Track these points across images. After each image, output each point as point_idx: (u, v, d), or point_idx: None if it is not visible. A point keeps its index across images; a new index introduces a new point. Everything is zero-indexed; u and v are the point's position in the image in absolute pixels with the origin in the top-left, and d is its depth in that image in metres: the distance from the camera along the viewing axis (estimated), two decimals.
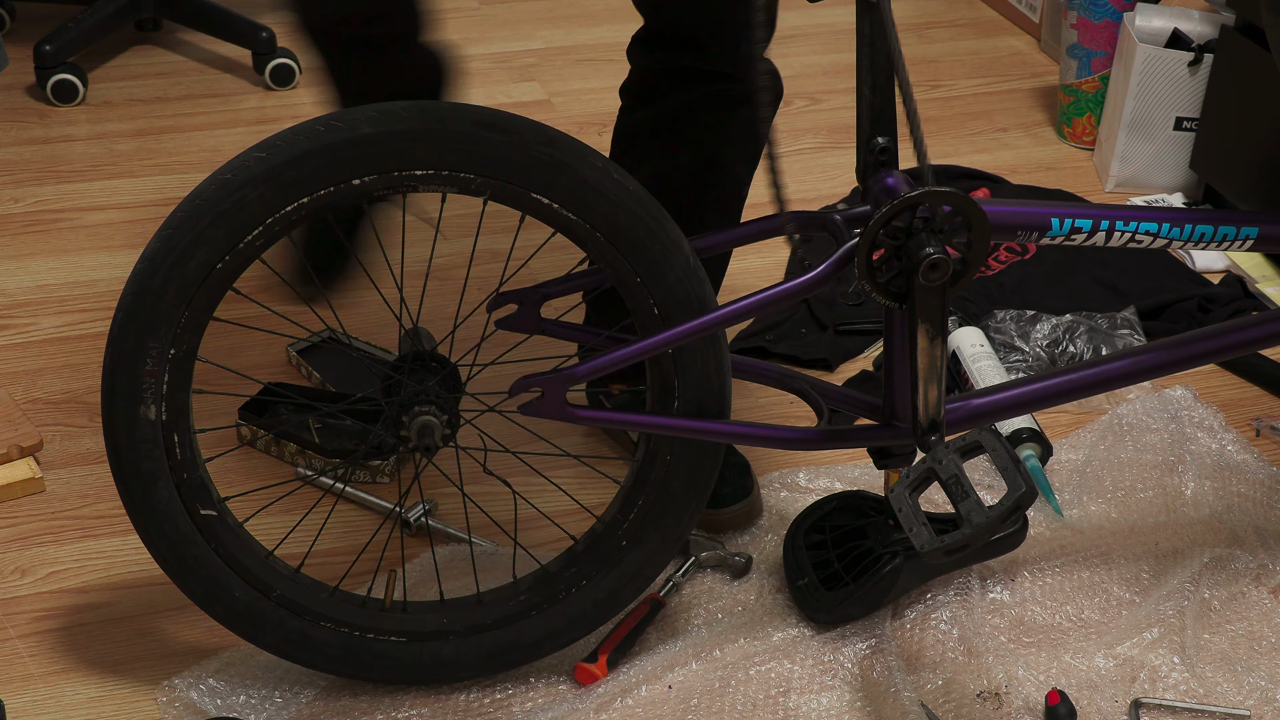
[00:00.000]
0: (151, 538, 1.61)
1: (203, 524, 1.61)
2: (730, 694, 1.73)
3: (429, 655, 1.71)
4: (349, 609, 1.69)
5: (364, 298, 1.74)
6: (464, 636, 1.71)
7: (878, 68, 1.56)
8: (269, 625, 1.67)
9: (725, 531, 1.98)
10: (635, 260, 1.55)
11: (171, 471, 1.57)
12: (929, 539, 1.55)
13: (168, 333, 1.51)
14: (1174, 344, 1.78)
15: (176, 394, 1.54)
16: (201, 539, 1.61)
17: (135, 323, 1.50)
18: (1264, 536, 1.98)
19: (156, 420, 1.54)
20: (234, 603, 1.65)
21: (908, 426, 1.67)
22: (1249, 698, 1.75)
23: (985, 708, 1.72)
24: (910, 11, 3.61)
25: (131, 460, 1.56)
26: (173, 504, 1.59)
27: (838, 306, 2.44)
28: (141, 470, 1.56)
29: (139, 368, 1.52)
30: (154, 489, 1.58)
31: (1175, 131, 2.77)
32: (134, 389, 1.53)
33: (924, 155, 1.51)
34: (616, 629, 1.79)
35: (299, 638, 1.68)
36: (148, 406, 1.53)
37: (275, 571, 1.67)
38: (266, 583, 1.65)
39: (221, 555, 1.63)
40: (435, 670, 1.72)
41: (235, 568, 1.64)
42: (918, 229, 1.54)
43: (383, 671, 1.72)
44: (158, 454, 1.56)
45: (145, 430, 1.55)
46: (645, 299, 1.58)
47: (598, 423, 1.66)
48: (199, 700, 1.71)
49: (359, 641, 1.70)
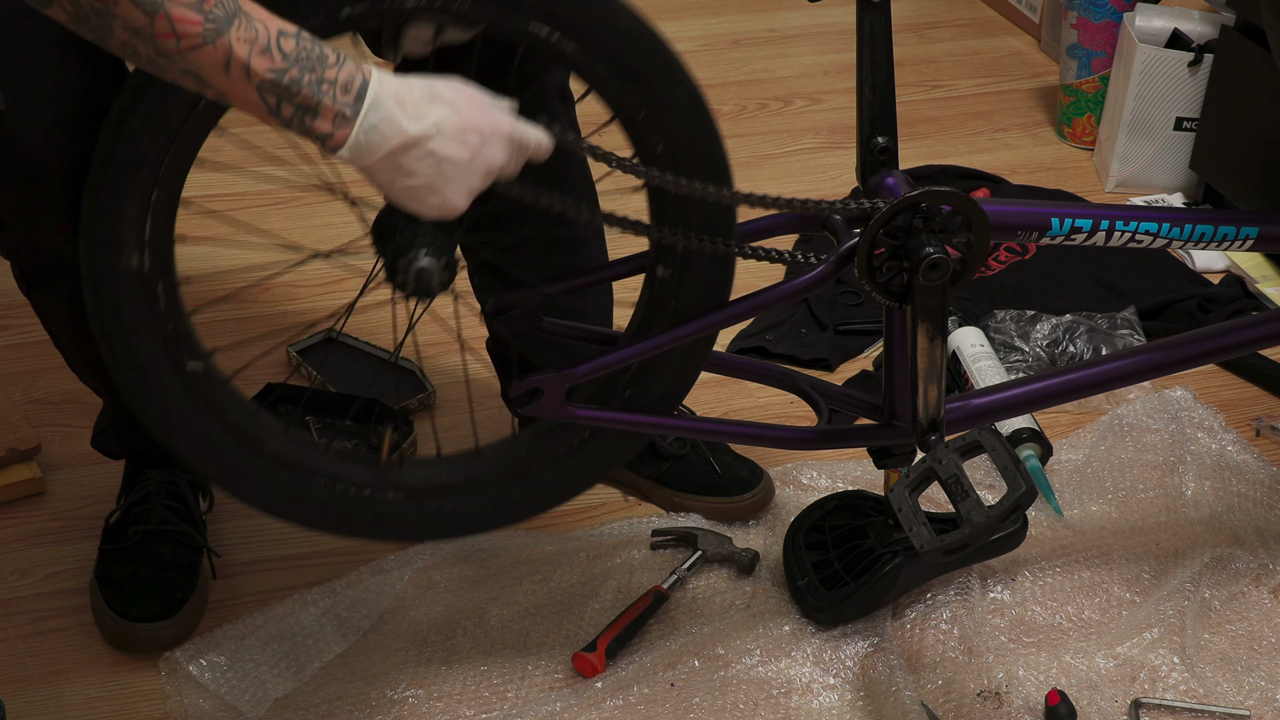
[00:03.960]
0: (137, 394, 1.53)
1: (190, 378, 1.53)
2: (732, 693, 1.73)
3: (428, 512, 1.65)
4: (345, 465, 1.64)
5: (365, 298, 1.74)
6: (464, 492, 1.65)
7: (878, 68, 1.56)
8: (261, 483, 1.60)
9: (736, 521, 1.98)
10: (640, 93, 1.46)
11: (155, 323, 1.49)
12: (929, 539, 1.55)
13: (149, 175, 1.42)
14: (1174, 344, 1.78)
15: (160, 241, 1.46)
16: (189, 394, 1.53)
17: (114, 164, 1.41)
18: (1264, 536, 1.97)
19: (139, 269, 1.46)
20: (225, 460, 1.57)
21: (907, 426, 1.68)
22: (1249, 698, 1.75)
23: (985, 707, 1.72)
24: (910, 11, 3.61)
25: (113, 312, 1.47)
26: (158, 357, 1.50)
27: (838, 306, 2.44)
28: (124, 323, 1.48)
29: (121, 213, 1.43)
30: (138, 342, 1.49)
31: (1175, 131, 2.77)
32: (115, 236, 1.44)
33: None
34: (618, 619, 1.79)
35: (294, 495, 1.61)
36: (130, 254, 1.45)
37: (266, 427, 1.60)
38: (258, 438, 1.58)
39: (210, 411, 1.55)
40: (434, 526, 1.67)
41: (224, 424, 1.56)
42: (918, 229, 1.54)
43: (380, 529, 1.66)
44: (141, 305, 1.47)
45: (128, 280, 1.46)
46: (650, 135, 1.49)
47: (598, 422, 1.65)
48: (198, 674, 1.72)
49: (356, 499, 1.63)
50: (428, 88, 1.29)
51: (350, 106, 1.24)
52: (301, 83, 1.22)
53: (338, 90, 1.23)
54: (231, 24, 1.19)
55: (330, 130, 1.24)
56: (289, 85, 1.22)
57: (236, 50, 1.19)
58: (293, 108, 1.23)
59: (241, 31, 1.19)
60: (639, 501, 2.04)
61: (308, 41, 1.23)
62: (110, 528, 1.87)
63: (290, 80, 1.22)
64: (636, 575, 1.89)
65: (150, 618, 1.77)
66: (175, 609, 1.79)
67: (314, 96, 1.23)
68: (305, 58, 1.22)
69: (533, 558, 1.92)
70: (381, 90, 1.25)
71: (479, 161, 1.31)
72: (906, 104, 3.07)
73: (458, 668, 1.76)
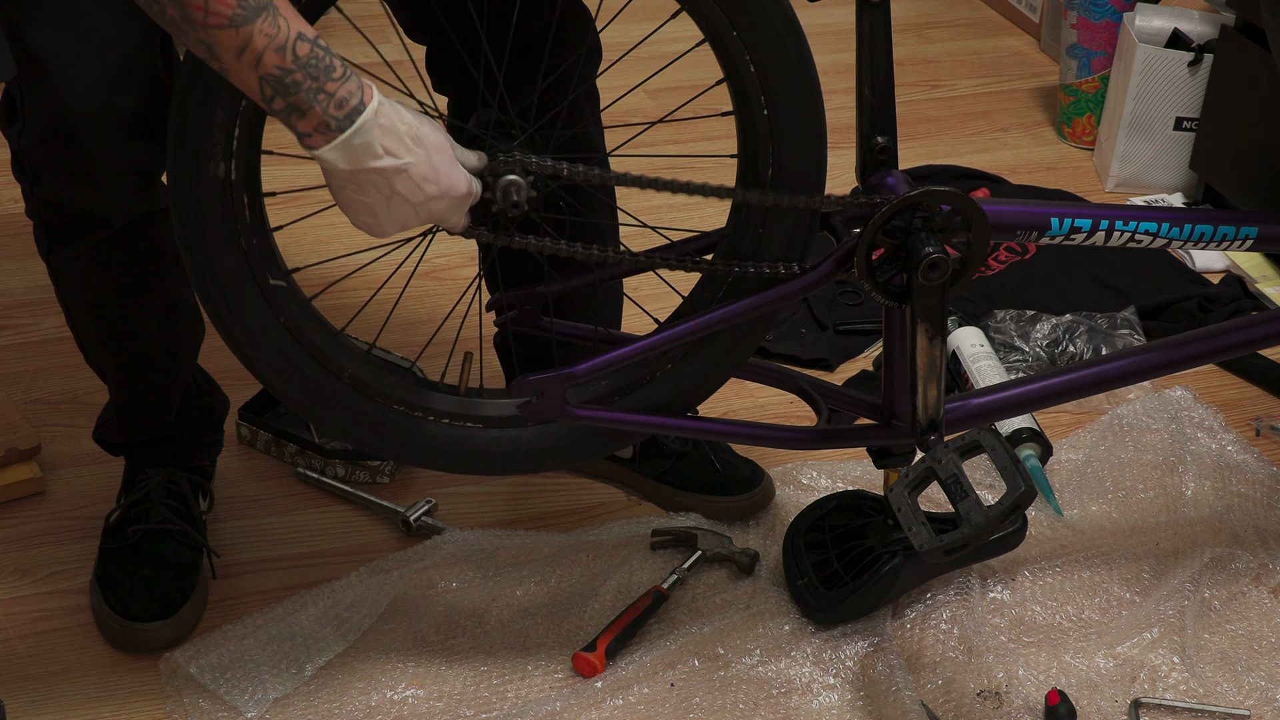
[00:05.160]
0: (218, 310, 1.51)
1: (272, 295, 1.51)
2: (732, 693, 1.73)
3: (507, 442, 1.64)
4: (424, 392, 1.62)
5: (364, 298, 1.74)
6: (544, 422, 1.64)
7: (878, 68, 1.56)
8: (340, 407, 1.59)
9: (736, 521, 1.98)
10: (732, 10, 1.43)
11: (240, 236, 1.47)
12: (928, 538, 1.55)
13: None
14: (1174, 344, 1.78)
15: (247, 151, 1.44)
16: (271, 311, 1.51)
17: (204, 69, 1.38)
18: (1264, 536, 1.97)
19: (226, 178, 1.44)
20: (304, 381, 1.56)
21: (907, 426, 1.68)
22: (1249, 698, 1.75)
23: (985, 707, 1.72)
24: (910, 11, 3.61)
25: (198, 222, 1.45)
26: (241, 272, 1.48)
27: (838, 306, 2.44)
28: (209, 234, 1.46)
29: (209, 119, 1.41)
30: (221, 255, 1.47)
31: (1175, 131, 2.77)
32: (203, 143, 1.42)
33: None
34: (618, 619, 1.79)
35: (371, 421, 1.60)
36: (217, 163, 1.43)
37: (347, 350, 1.58)
38: (338, 362, 1.57)
39: (291, 330, 1.53)
40: (511, 460, 1.65)
41: (305, 344, 1.54)
42: (917, 228, 1.54)
43: (456, 460, 1.64)
44: (227, 216, 1.45)
45: (214, 189, 1.44)
46: (742, 57, 1.46)
47: (598, 422, 1.65)
48: (198, 674, 1.72)
49: (433, 427, 1.62)
50: (414, 128, 1.35)
51: (337, 121, 1.29)
52: (301, 87, 1.27)
53: (332, 104, 1.28)
54: (259, 15, 1.24)
55: (310, 133, 1.30)
56: (289, 85, 1.26)
57: (256, 41, 1.24)
58: (285, 104, 1.28)
59: (266, 25, 1.24)
60: (639, 501, 2.04)
61: (321, 50, 1.28)
62: (110, 527, 1.87)
63: (292, 82, 1.26)
64: (636, 575, 1.89)
65: (150, 617, 1.78)
66: (175, 609, 1.79)
67: (307, 102, 1.28)
68: (314, 65, 1.27)
69: (533, 558, 1.92)
70: (372, 118, 1.30)
71: (424, 210, 1.38)
72: (906, 104, 3.07)
73: (458, 668, 1.76)
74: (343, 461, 2.05)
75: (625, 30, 1.74)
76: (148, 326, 1.76)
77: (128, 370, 1.80)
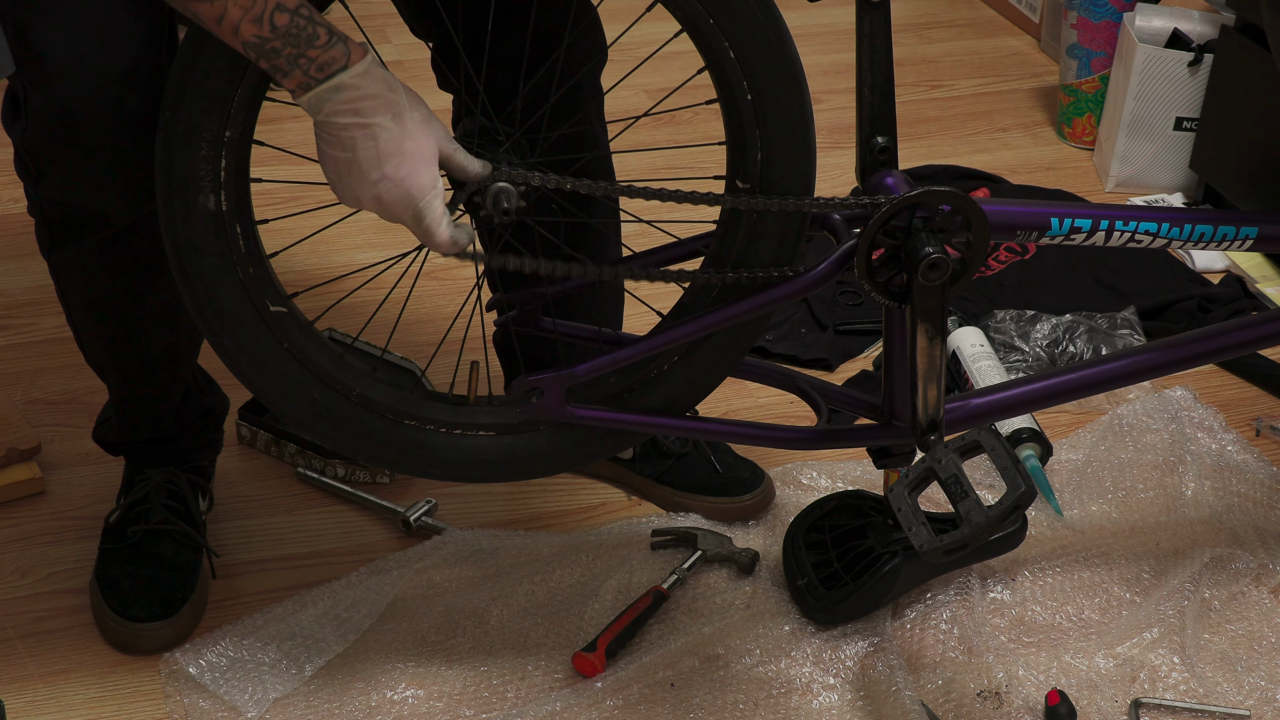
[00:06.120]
0: (221, 341, 1.53)
1: (273, 321, 1.53)
2: (731, 693, 1.73)
3: (521, 447, 1.64)
4: (432, 405, 1.62)
5: (362, 297, 1.74)
6: (556, 426, 1.64)
7: (878, 68, 1.56)
8: (350, 426, 1.60)
9: (736, 521, 1.98)
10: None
11: (236, 266, 1.49)
12: (928, 538, 1.55)
13: (221, 113, 1.42)
14: (1174, 344, 1.78)
15: (236, 181, 1.46)
16: (274, 338, 1.53)
17: (185, 104, 1.41)
18: (1264, 536, 1.97)
19: (217, 210, 1.46)
20: (312, 404, 1.57)
21: (907, 426, 1.67)
22: (1249, 698, 1.75)
23: (985, 707, 1.72)
24: (910, 11, 3.61)
25: (193, 256, 1.47)
26: (241, 301, 1.50)
27: (838, 306, 2.44)
28: (205, 267, 1.48)
29: (195, 153, 1.43)
30: (219, 286, 1.49)
31: (1175, 131, 2.77)
32: (190, 177, 1.44)
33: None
34: (618, 619, 1.79)
35: (382, 438, 1.61)
36: (206, 196, 1.45)
37: (353, 369, 1.59)
38: (345, 382, 1.58)
39: (295, 354, 1.55)
40: (528, 464, 1.65)
41: (310, 367, 1.55)
42: (917, 229, 1.54)
43: (470, 469, 1.65)
44: (221, 247, 1.47)
45: (205, 222, 1.46)
46: (720, 43, 1.46)
47: (598, 422, 1.65)
48: (198, 674, 1.72)
49: (445, 439, 1.62)
50: (398, 105, 1.37)
51: (317, 81, 1.34)
52: (281, 54, 1.32)
53: (313, 67, 1.33)
54: None
55: (293, 88, 1.35)
56: (269, 52, 1.32)
57: (230, 13, 1.30)
58: (268, 65, 1.33)
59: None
60: (639, 501, 2.04)
61: (302, 19, 1.32)
62: (110, 527, 1.87)
63: (271, 49, 1.32)
64: (636, 575, 1.89)
65: (150, 618, 1.77)
66: (175, 609, 1.79)
67: (287, 65, 1.33)
68: (294, 34, 1.32)
69: (533, 558, 1.92)
70: (352, 78, 1.34)
71: (374, 190, 1.39)
72: (906, 104, 3.07)
73: (458, 668, 1.76)
74: (343, 461, 2.05)
75: (618, 30, 1.74)
76: (148, 326, 1.76)
77: (128, 370, 1.80)
